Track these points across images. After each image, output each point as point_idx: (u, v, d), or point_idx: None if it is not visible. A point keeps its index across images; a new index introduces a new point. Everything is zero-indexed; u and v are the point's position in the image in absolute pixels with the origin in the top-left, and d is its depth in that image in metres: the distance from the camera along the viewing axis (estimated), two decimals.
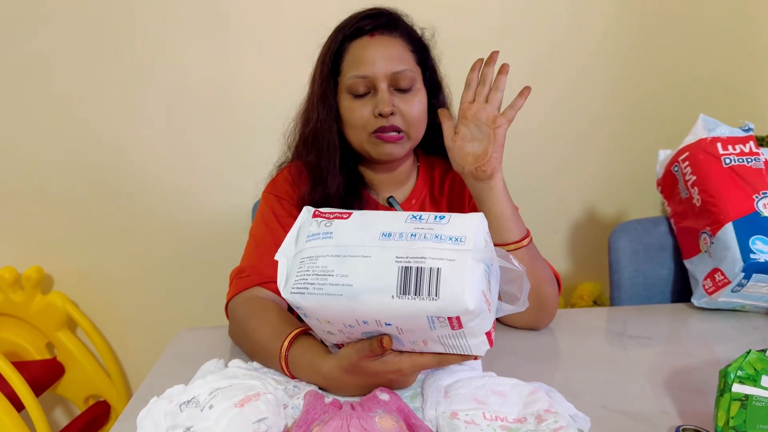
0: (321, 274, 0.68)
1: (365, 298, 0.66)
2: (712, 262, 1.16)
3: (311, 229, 0.73)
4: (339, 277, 0.67)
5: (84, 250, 1.79)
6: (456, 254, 0.66)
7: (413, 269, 0.66)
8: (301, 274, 0.70)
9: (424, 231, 0.68)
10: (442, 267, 0.65)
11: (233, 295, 0.99)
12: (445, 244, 0.67)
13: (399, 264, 0.66)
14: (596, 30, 1.77)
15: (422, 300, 0.65)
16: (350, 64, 1.02)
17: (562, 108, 1.82)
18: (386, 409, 0.69)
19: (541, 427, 0.68)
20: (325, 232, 0.71)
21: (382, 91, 1.00)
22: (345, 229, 0.71)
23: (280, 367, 0.83)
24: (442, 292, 0.64)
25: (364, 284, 0.67)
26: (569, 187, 1.88)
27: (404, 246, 0.67)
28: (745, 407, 0.66)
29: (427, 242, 0.67)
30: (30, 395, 1.50)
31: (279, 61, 1.68)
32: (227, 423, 0.65)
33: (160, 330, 1.79)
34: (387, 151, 1.04)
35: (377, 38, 1.03)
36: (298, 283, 0.69)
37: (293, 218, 1.05)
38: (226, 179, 1.74)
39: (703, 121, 1.31)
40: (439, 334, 0.68)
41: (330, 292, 0.67)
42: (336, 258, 0.69)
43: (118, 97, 1.69)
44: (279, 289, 0.72)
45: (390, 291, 0.66)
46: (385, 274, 0.66)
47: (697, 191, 1.23)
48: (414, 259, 0.66)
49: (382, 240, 0.68)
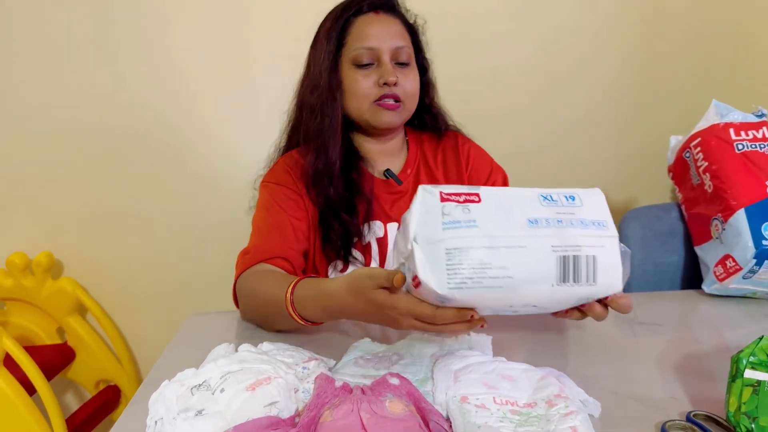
0: (478, 267, 0.67)
1: (525, 288, 0.67)
2: (724, 249, 1.15)
3: (447, 214, 0.69)
4: (498, 269, 0.67)
5: (94, 235, 1.80)
6: (605, 240, 0.70)
7: (570, 257, 0.68)
8: (453, 267, 0.67)
9: (568, 216, 0.70)
10: (597, 255, 0.69)
11: (239, 274, 1.02)
12: (591, 230, 0.70)
13: (557, 253, 0.68)
14: (607, 14, 1.75)
15: (580, 286, 0.68)
16: (356, 37, 1.09)
17: (571, 93, 1.80)
18: (396, 393, 0.69)
19: (551, 412, 0.68)
20: (467, 220, 0.69)
21: (385, 63, 1.08)
22: (486, 214, 0.69)
23: (287, 312, 0.87)
24: (599, 278, 0.68)
25: (525, 276, 0.67)
26: (579, 173, 1.87)
27: (556, 234, 0.69)
28: (757, 393, 0.66)
29: (575, 229, 0.69)
30: (42, 379, 1.52)
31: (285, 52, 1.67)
32: (239, 406, 0.65)
33: (169, 315, 1.80)
34: (386, 119, 1.10)
35: (381, 15, 1.11)
36: (454, 278, 0.67)
37: (291, 200, 1.10)
38: (237, 166, 1.73)
39: (715, 107, 1.30)
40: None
41: (489, 285, 0.67)
42: (490, 249, 0.67)
43: (129, 84, 1.69)
44: (420, 277, 0.68)
45: (550, 280, 0.67)
46: (544, 264, 0.67)
47: (709, 177, 1.22)
48: (570, 247, 0.68)
49: (532, 228, 0.69)
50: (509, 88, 1.77)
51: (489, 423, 0.66)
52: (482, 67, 1.73)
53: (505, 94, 1.77)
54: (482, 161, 1.23)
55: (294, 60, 1.19)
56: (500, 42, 1.73)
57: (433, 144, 1.24)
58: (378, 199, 1.14)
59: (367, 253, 1.12)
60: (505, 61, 1.74)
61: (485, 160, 1.24)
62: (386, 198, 1.15)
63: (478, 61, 1.72)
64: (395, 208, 1.15)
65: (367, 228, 1.12)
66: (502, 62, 1.74)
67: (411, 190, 1.17)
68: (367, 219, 1.12)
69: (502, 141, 1.35)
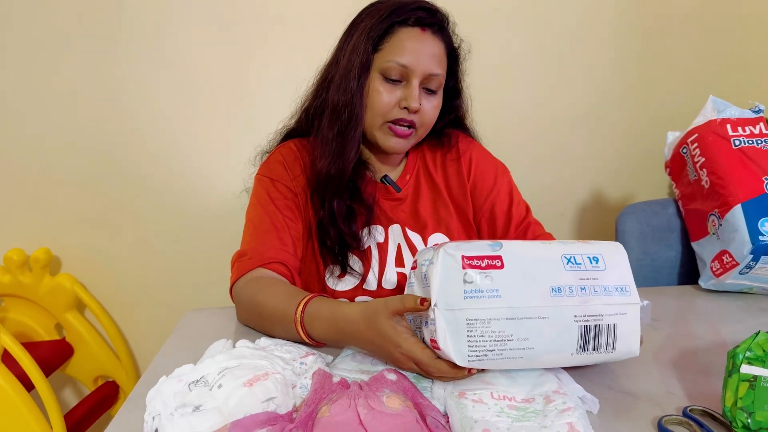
0: (499, 339, 0.68)
1: (545, 358, 0.70)
2: (720, 244, 1.16)
3: (469, 282, 0.69)
4: (519, 341, 0.68)
5: (92, 231, 1.79)
6: (627, 308, 0.73)
7: (592, 327, 0.70)
8: (475, 338, 0.68)
9: (591, 282, 0.72)
10: (618, 323, 0.71)
11: (237, 278, 1.00)
12: (614, 297, 0.72)
13: (578, 323, 0.70)
14: (605, 10, 1.75)
15: (599, 354, 0.72)
16: (393, 48, 1.01)
17: (569, 90, 1.80)
18: (393, 388, 0.69)
19: (548, 408, 0.68)
20: (490, 289, 0.68)
21: (413, 86, 1.01)
22: (509, 283, 0.69)
23: (293, 327, 0.86)
24: (618, 346, 0.72)
25: (546, 347, 0.69)
26: (576, 169, 1.87)
27: (578, 303, 0.70)
28: (753, 388, 0.66)
29: (598, 297, 0.71)
30: (40, 375, 1.52)
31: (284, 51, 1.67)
32: (236, 402, 0.65)
33: (167, 311, 1.80)
34: (393, 144, 1.06)
35: (427, 34, 1.03)
36: (475, 351, 0.68)
37: (288, 200, 1.07)
38: (233, 162, 1.73)
39: (712, 103, 1.30)
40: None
41: (510, 356, 0.69)
42: (512, 321, 0.68)
43: (127, 80, 1.68)
44: (440, 345, 0.68)
45: (570, 349, 0.70)
46: (565, 335, 0.70)
47: (706, 173, 1.22)
48: (592, 317, 0.70)
49: (555, 298, 0.70)
50: (507, 84, 1.77)
51: (486, 418, 0.66)
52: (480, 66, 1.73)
53: (503, 89, 1.77)
54: (486, 165, 1.19)
55: (293, 60, 1.19)
56: (498, 39, 1.72)
57: (432, 148, 1.20)
58: (378, 204, 1.12)
59: (365, 259, 1.09)
60: (504, 59, 1.74)
61: (489, 163, 1.20)
62: (385, 203, 1.13)
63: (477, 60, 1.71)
64: (395, 213, 1.13)
65: (367, 233, 1.09)
66: (501, 59, 1.74)
67: (410, 197, 1.15)
68: (367, 224, 1.09)
69: (500, 137, 1.34)
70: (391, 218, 1.13)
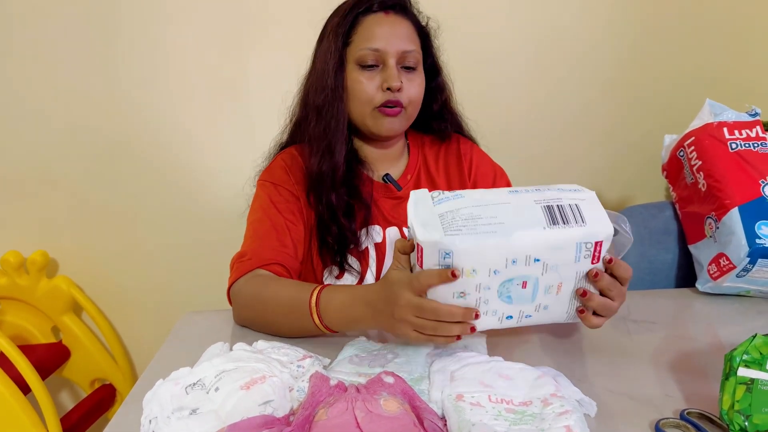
0: (469, 218, 0.72)
1: (518, 234, 0.71)
2: (717, 247, 1.16)
3: (436, 197, 0.76)
4: (488, 218, 0.72)
5: (89, 234, 1.79)
6: (584, 195, 0.76)
7: (554, 206, 0.73)
8: (447, 222, 0.71)
9: (548, 189, 0.76)
10: (579, 203, 0.74)
11: (236, 278, 1.00)
12: (569, 193, 0.75)
13: (539, 204, 0.73)
14: (601, 13, 1.75)
15: (572, 228, 0.72)
16: (363, 37, 1.05)
17: (566, 92, 1.80)
18: (391, 391, 0.69)
19: (546, 411, 0.68)
20: (454, 194, 0.76)
21: (390, 66, 1.04)
22: (471, 192, 0.76)
23: (307, 311, 0.87)
24: (587, 218, 0.72)
25: (514, 221, 0.71)
26: (573, 171, 1.87)
27: (536, 195, 0.75)
28: (750, 391, 0.66)
29: (554, 192, 0.75)
30: (36, 378, 1.51)
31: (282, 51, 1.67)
32: (233, 405, 0.65)
33: (164, 314, 1.80)
34: (387, 126, 1.08)
35: (391, 16, 1.07)
36: (450, 227, 0.71)
37: (290, 203, 1.08)
38: (230, 163, 1.73)
39: (709, 106, 1.30)
40: (578, 270, 0.74)
41: (484, 231, 0.71)
42: (478, 207, 0.73)
43: (123, 82, 1.68)
44: (419, 239, 0.71)
45: (540, 224, 0.72)
46: (530, 213, 0.72)
47: (703, 176, 1.22)
48: (551, 200, 0.74)
49: (513, 194, 0.75)
50: (503, 87, 1.77)
51: (483, 421, 0.66)
52: (477, 67, 1.73)
53: (499, 93, 1.77)
54: (486, 167, 1.21)
55: (290, 60, 1.19)
56: (494, 42, 1.73)
57: (434, 148, 1.22)
58: (377, 204, 1.13)
59: (363, 259, 1.10)
60: (499, 61, 1.74)
61: (488, 165, 1.22)
62: (385, 202, 1.14)
63: (474, 60, 1.72)
64: (394, 213, 1.13)
65: (365, 233, 1.10)
66: (497, 61, 1.74)
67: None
68: (365, 224, 1.10)
69: (496, 140, 1.34)
70: (389, 219, 1.13)
